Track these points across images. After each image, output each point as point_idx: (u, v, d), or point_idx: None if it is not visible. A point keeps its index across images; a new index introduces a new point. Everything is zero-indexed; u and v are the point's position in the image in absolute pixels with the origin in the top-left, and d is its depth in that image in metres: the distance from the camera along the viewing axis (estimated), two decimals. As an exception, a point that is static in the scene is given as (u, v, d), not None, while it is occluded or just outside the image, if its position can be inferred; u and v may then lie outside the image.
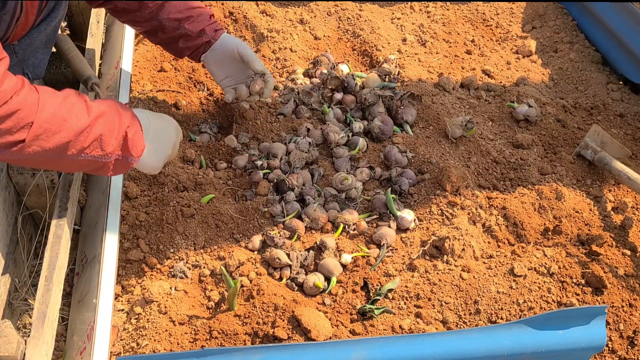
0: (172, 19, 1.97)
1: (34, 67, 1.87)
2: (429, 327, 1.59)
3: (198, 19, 2.00)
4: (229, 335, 1.52)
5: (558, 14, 2.89)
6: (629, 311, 1.69)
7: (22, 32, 1.67)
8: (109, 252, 1.64)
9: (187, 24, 1.99)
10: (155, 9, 1.95)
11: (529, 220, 1.88)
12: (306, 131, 2.11)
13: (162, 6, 1.95)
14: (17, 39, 1.70)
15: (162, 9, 1.95)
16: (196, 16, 2.00)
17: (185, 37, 2.01)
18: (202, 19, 2.01)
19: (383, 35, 2.63)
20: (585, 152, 2.12)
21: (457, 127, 2.13)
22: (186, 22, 1.98)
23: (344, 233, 1.82)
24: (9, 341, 1.29)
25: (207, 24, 2.01)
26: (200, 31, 2.00)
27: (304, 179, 1.95)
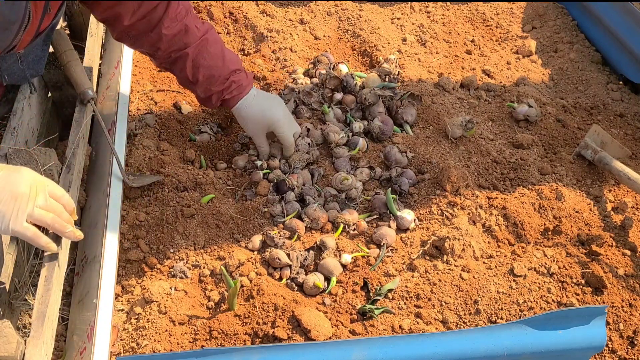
0: (183, 77, 1.92)
1: (33, 63, 1.87)
2: (429, 327, 1.59)
3: (206, 83, 1.91)
4: (229, 335, 1.52)
5: (558, 14, 2.89)
6: (629, 311, 1.69)
7: (28, 39, 1.67)
8: (109, 252, 1.65)
9: (195, 87, 1.94)
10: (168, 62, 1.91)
11: (529, 220, 1.88)
12: (306, 131, 2.11)
13: (175, 61, 1.89)
14: (23, 46, 1.70)
15: (174, 63, 1.90)
16: (203, 80, 1.90)
17: (196, 96, 1.99)
18: (212, 83, 1.90)
19: (383, 35, 2.63)
20: (585, 152, 2.12)
21: (457, 127, 2.13)
22: (194, 84, 1.93)
23: (344, 233, 1.82)
24: (9, 341, 1.29)
25: (215, 91, 1.92)
26: (207, 98, 1.95)
27: (304, 179, 1.95)
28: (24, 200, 1.34)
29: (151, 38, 1.84)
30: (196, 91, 1.95)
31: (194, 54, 1.87)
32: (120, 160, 1.85)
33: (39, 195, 1.37)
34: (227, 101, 1.96)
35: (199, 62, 1.88)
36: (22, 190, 1.34)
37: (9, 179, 1.33)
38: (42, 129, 2.04)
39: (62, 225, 1.43)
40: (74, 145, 1.86)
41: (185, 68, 1.88)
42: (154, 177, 1.89)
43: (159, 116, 2.15)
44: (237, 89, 1.94)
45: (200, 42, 1.88)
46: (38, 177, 1.39)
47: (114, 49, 2.37)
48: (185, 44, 1.86)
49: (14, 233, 1.35)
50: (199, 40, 1.88)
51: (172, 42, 1.85)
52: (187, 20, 1.86)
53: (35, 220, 1.37)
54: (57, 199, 1.44)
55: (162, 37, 1.83)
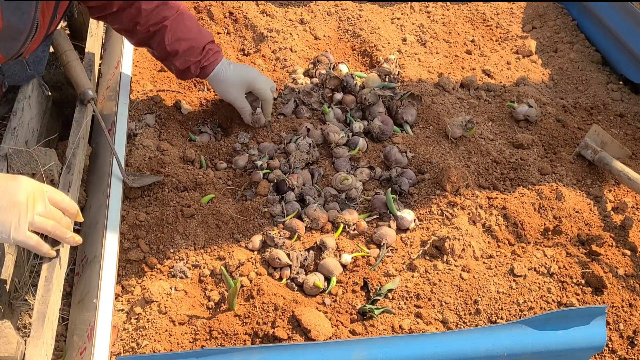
0: (161, 49, 1.96)
1: (34, 64, 1.87)
2: (429, 327, 1.59)
3: (185, 55, 1.97)
4: (229, 335, 1.52)
5: (558, 14, 2.89)
6: (629, 311, 1.69)
7: (35, 46, 1.68)
8: (109, 252, 1.65)
9: (173, 59, 1.98)
10: (147, 36, 1.95)
11: (529, 220, 1.88)
12: (306, 131, 2.11)
13: (153, 34, 1.94)
14: (30, 52, 1.70)
15: (152, 37, 1.94)
16: (183, 51, 1.96)
17: (173, 69, 2.03)
18: (190, 54, 1.97)
19: (383, 35, 2.63)
20: (585, 152, 2.12)
21: (457, 127, 2.13)
22: (173, 56, 1.97)
23: (344, 233, 1.82)
24: (9, 341, 1.29)
25: (193, 61, 1.98)
26: (186, 69, 2.00)
27: (304, 179, 1.95)
28: (23, 208, 1.33)
29: (130, 13, 1.89)
30: (174, 63, 1.99)
31: (173, 26, 1.93)
32: (120, 160, 1.85)
33: (39, 202, 1.37)
34: (205, 68, 2.01)
35: (178, 35, 1.93)
36: (21, 198, 1.33)
37: (7, 188, 1.32)
38: (42, 129, 2.04)
39: (62, 232, 1.43)
40: (74, 146, 1.86)
41: (164, 41, 1.93)
42: (154, 177, 1.89)
43: (159, 116, 2.15)
44: (213, 56, 2.01)
45: (177, 15, 1.94)
46: (36, 184, 1.39)
47: (114, 49, 2.37)
48: (163, 17, 1.92)
49: (17, 242, 1.35)
50: (176, 14, 1.94)
51: (150, 15, 1.90)
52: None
53: (37, 228, 1.37)
54: (57, 203, 1.43)
55: (142, 11, 1.88)
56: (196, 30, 1.99)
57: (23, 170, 1.68)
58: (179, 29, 1.94)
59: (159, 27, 1.92)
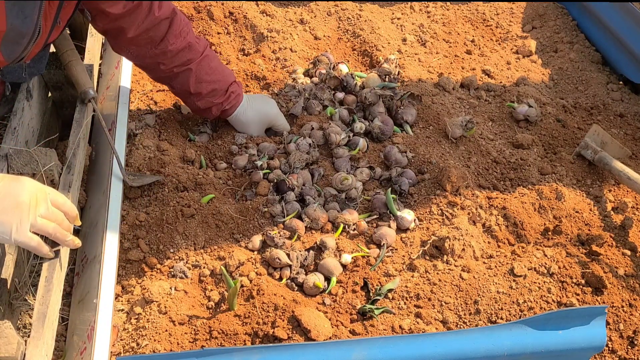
0: (184, 90, 1.97)
1: (34, 62, 1.86)
2: (429, 327, 1.59)
3: (208, 96, 1.98)
4: (229, 335, 1.52)
5: (558, 14, 2.89)
6: (629, 311, 1.69)
7: (37, 51, 1.67)
8: (109, 252, 1.65)
9: (195, 99, 1.99)
10: (169, 76, 1.95)
11: (529, 220, 1.88)
12: (310, 129, 2.11)
13: (177, 75, 1.94)
14: (31, 57, 1.70)
15: (175, 77, 1.94)
16: (206, 93, 1.97)
17: (192, 107, 2.04)
18: (213, 95, 1.99)
19: (383, 35, 2.63)
20: (585, 152, 2.12)
21: (457, 127, 2.13)
22: (195, 97, 1.98)
23: (344, 233, 1.82)
24: (9, 342, 1.29)
25: (216, 103, 2.00)
26: (207, 109, 2.01)
27: (304, 179, 1.95)
28: (25, 209, 1.33)
29: (154, 53, 1.89)
30: (195, 103, 2.00)
31: (197, 69, 1.94)
32: (121, 160, 1.85)
33: (41, 204, 1.37)
34: (226, 111, 2.05)
35: (202, 77, 1.95)
36: (24, 199, 1.33)
37: (9, 188, 1.32)
38: (42, 129, 2.04)
39: (63, 235, 1.43)
40: (75, 146, 1.86)
41: (189, 83, 1.95)
42: (154, 177, 1.89)
43: (159, 116, 2.15)
44: (235, 99, 2.03)
45: (202, 58, 1.95)
46: (39, 186, 1.39)
47: (114, 49, 2.37)
48: (188, 60, 1.92)
49: (18, 243, 1.35)
50: (201, 57, 1.95)
51: (175, 58, 1.90)
52: (190, 37, 1.92)
53: (38, 230, 1.37)
54: (59, 206, 1.43)
55: (167, 53, 1.88)
56: (219, 71, 2.00)
57: (23, 170, 1.68)
58: (204, 71, 1.95)
59: (184, 69, 1.93)
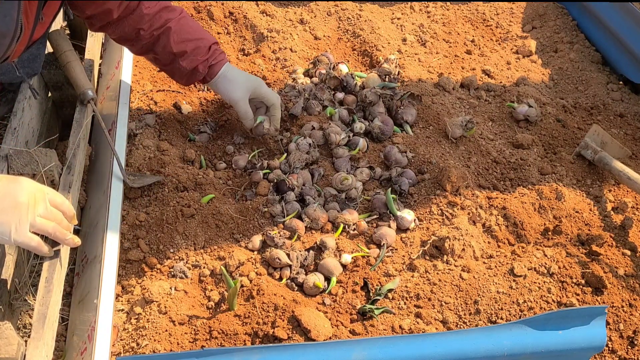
0: (167, 52, 1.93)
1: (28, 62, 1.85)
2: (429, 327, 1.59)
3: (192, 54, 1.93)
4: (229, 335, 1.52)
5: (558, 14, 2.89)
6: (629, 311, 1.69)
7: (22, 48, 1.65)
8: (109, 253, 1.65)
9: (180, 60, 1.94)
10: (151, 41, 1.92)
11: (529, 220, 1.88)
12: (310, 129, 2.11)
13: (158, 38, 1.91)
14: (17, 55, 1.68)
15: (157, 41, 1.92)
16: (191, 51, 1.93)
17: (179, 72, 1.99)
18: (197, 53, 1.94)
19: (383, 35, 2.63)
20: (585, 152, 2.12)
21: (457, 127, 2.13)
22: (180, 57, 1.93)
23: (344, 233, 1.82)
24: (10, 343, 1.29)
25: (201, 60, 1.95)
26: (193, 69, 1.96)
27: (304, 179, 1.95)
28: (24, 209, 1.33)
29: (133, 21, 1.87)
30: (180, 64, 1.94)
31: (177, 27, 1.90)
32: (121, 161, 1.85)
33: (40, 203, 1.37)
34: (212, 67, 1.98)
35: (183, 36, 1.91)
36: (22, 199, 1.33)
37: (7, 189, 1.32)
38: (42, 129, 2.04)
39: (62, 234, 1.43)
40: (75, 146, 1.86)
41: (170, 42, 1.90)
42: (155, 177, 1.89)
43: (159, 116, 2.15)
44: (220, 55, 1.99)
45: (180, 16, 1.92)
46: (37, 186, 1.39)
47: (114, 49, 2.37)
48: (167, 20, 1.90)
49: (18, 243, 1.35)
50: (179, 15, 1.92)
51: (154, 19, 1.88)
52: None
53: (37, 229, 1.37)
54: (58, 206, 1.43)
55: (144, 16, 1.86)
56: (200, 30, 1.98)
57: (23, 170, 1.68)
58: (184, 29, 1.92)
59: (163, 29, 1.90)
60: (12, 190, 1.33)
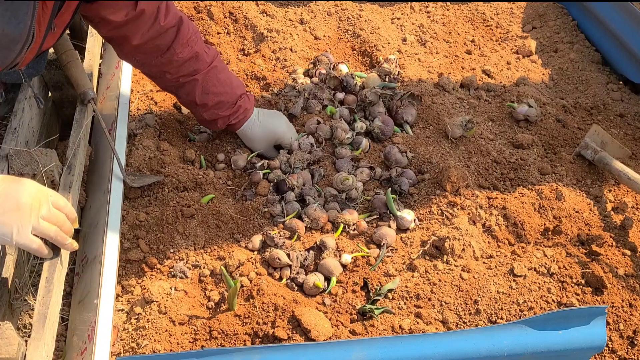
0: (190, 100, 1.93)
1: (33, 62, 1.84)
2: (429, 327, 1.59)
3: (214, 108, 1.93)
4: (229, 335, 1.52)
5: (558, 14, 2.89)
6: (629, 311, 1.69)
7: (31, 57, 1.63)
8: (110, 253, 1.65)
9: (202, 111, 1.94)
10: (176, 85, 1.90)
11: (529, 220, 1.88)
12: (316, 123, 2.11)
13: (183, 85, 1.89)
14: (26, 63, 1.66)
15: (182, 87, 1.90)
16: (212, 105, 1.92)
17: (199, 118, 2.00)
18: (220, 107, 1.93)
19: (383, 35, 2.63)
20: (585, 152, 2.12)
21: (457, 127, 2.14)
22: (202, 108, 1.93)
23: (344, 233, 1.82)
24: (10, 343, 1.29)
25: (222, 115, 1.95)
26: (212, 121, 1.97)
27: (303, 179, 1.95)
28: (27, 211, 1.32)
29: (160, 62, 1.85)
30: (201, 114, 1.96)
31: (203, 80, 1.89)
32: (121, 161, 1.85)
33: (42, 206, 1.36)
34: (232, 125, 2.00)
35: (208, 89, 1.90)
36: (25, 201, 1.32)
37: (10, 190, 1.32)
38: (42, 129, 2.04)
39: (63, 238, 1.43)
40: (75, 146, 1.86)
41: (194, 93, 1.90)
42: (155, 177, 1.89)
43: (159, 116, 2.15)
44: (242, 113, 1.98)
45: (209, 68, 1.89)
46: (40, 187, 1.39)
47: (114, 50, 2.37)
48: (195, 70, 1.87)
49: (19, 245, 1.35)
50: (209, 67, 1.89)
51: (182, 67, 1.86)
52: (198, 46, 1.87)
53: (39, 233, 1.36)
54: (60, 208, 1.43)
55: (173, 62, 1.84)
56: (227, 84, 1.94)
57: (24, 170, 1.68)
58: (211, 82, 1.90)
59: (190, 79, 1.88)
60: (15, 192, 1.32)
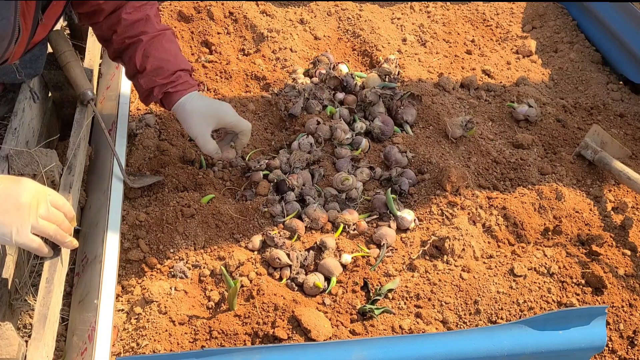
0: (131, 64, 1.83)
1: (30, 62, 1.84)
2: (429, 327, 1.59)
3: (151, 74, 1.80)
4: (229, 335, 1.52)
5: (558, 14, 2.89)
6: (629, 311, 1.69)
7: (21, 50, 1.62)
8: (110, 253, 1.65)
9: (139, 77, 1.83)
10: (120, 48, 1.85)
11: (529, 220, 1.88)
12: (316, 124, 2.10)
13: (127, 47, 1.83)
14: (17, 57, 1.66)
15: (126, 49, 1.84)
16: (150, 70, 1.80)
17: (138, 89, 1.86)
18: (157, 74, 1.80)
19: (383, 35, 2.63)
20: (585, 152, 2.12)
21: (457, 127, 2.14)
22: (140, 74, 1.82)
23: (344, 233, 1.83)
24: (10, 343, 1.29)
25: (159, 83, 1.80)
26: (149, 90, 1.83)
27: (304, 179, 1.95)
28: (26, 211, 1.33)
29: (110, 20, 1.81)
30: (139, 82, 1.83)
31: (148, 43, 1.81)
32: (121, 161, 1.85)
33: (42, 205, 1.37)
34: (169, 95, 1.82)
35: (150, 52, 1.80)
36: (25, 200, 1.33)
37: (10, 190, 1.32)
38: (42, 129, 2.04)
39: (62, 236, 1.43)
40: (75, 146, 1.86)
41: (135, 55, 1.80)
42: (155, 177, 1.89)
43: (159, 116, 2.15)
44: (182, 85, 1.83)
45: (157, 33, 1.83)
46: (39, 187, 1.39)
47: (114, 49, 2.37)
48: (141, 32, 1.81)
49: (19, 244, 1.35)
50: (157, 32, 1.83)
51: (129, 27, 1.81)
52: (150, 12, 1.84)
53: (39, 232, 1.37)
54: (59, 207, 1.43)
55: (121, 20, 1.80)
56: (172, 54, 1.83)
57: (24, 171, 1.68)
58: (154, 46, 1.81)
59: (134, 40, 1.81)
60: (15, 192, 1.32)
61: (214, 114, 1.83)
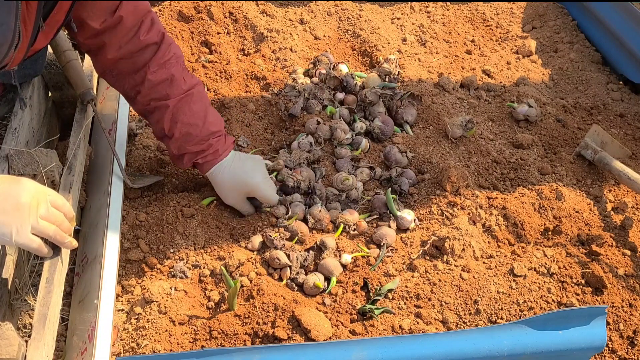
0: (159, 129, 1.79)
1: (31, 63, 1.84)
2: (429, 327, 1.59)
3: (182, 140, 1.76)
4: (229, 335, 1.52)
5: (558, 14, 2.89)
6: (629, 311, 1.69)
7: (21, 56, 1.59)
8: (110, 253, 1.65)
9: (169, 142, 1.79)
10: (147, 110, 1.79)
11: (529, 220, 1.88)
12: (316, 124, 2.10)
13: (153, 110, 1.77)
14: (17, 63, 1.63)
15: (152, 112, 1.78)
16: (180, 136, 1.75)
17: (169, 152, 1.83)
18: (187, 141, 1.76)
19: (383, 35, 2.63)
20: (585, 152, 2.12)
21: (457, 127, 2.14)
22: (169, 139, 1.78)
23: (344, 233, 1.82)
24: (10, 344, 1.29)
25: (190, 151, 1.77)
26: (180, 157, 1.80)
27: (307, 174, 1.93)
28: (26, 211, 1.33)
29: (134, 80, 1.76)
30: (170, 146, 1.80)
31: (175, 107, 1.75)
32: (121, 161, 1.85)
33: (41, 205, 1.37)
34: (199, 165, 1.81)
35: (178, 117, 1.75)
36: (25, 201, 1.33)
37: (9, 190, 1.32)
38: (42, 129, 2.04)
39: (62, 237, 1.43)
40: (75, 147, 1.86)
41: (163, 119, 1.76)
42: (155, 177, 1.88)
43: (159, 116, 2.15)
44: (212, 154, 1.79)
45: (184, 96, 1.76)
46: (39, 187, 1.39)
47: (114, 49, 2.37)
48: (167, 95, 1.75)
49: (19, 245, 1.35)
50: (183, 94, 1.76)
51: (154, 89, 1.75)
52: (175, 70, 1.76)
53: (39, 232, 1.37)
54: (59, 207, 1.43)
55: (146, 81, 1.74)
56: (201, 116, 1.77)
57: (24, 171, 1.68)
58: (182, 110, 1.75)
59: (160, 104, 1.75)
60: (14, 192, 1.32)
61: (243, 188, 1.82)
